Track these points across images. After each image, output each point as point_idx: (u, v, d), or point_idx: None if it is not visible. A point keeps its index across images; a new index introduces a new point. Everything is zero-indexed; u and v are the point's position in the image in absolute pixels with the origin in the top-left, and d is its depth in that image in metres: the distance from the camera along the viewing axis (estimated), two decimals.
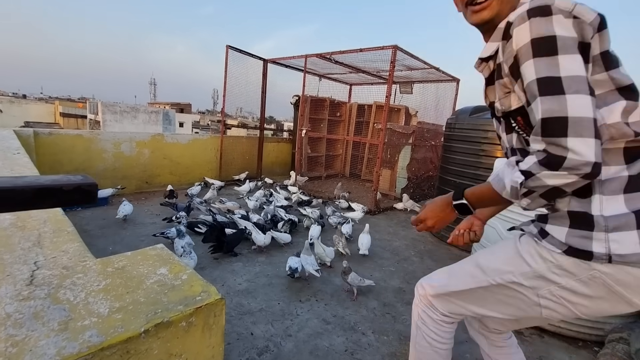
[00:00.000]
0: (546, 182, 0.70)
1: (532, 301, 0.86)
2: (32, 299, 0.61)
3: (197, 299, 0.64)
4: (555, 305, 0.83)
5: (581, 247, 0.75)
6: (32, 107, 27.90)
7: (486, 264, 0.95)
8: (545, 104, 0.68)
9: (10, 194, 0.36)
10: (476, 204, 0.89)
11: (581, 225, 0.76)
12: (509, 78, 0.78)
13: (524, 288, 0.86)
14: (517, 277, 0.86)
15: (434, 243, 3.39)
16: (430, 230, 1.00)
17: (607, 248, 0.73)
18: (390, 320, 1.97)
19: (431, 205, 0.98)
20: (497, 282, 0.90)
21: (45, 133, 3.64)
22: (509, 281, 0.88)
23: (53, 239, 0.89)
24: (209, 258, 2.56)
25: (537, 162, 0.70)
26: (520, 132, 0.83)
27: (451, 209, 0.93)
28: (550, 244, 0.80)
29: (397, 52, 3.92)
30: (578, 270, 0.77)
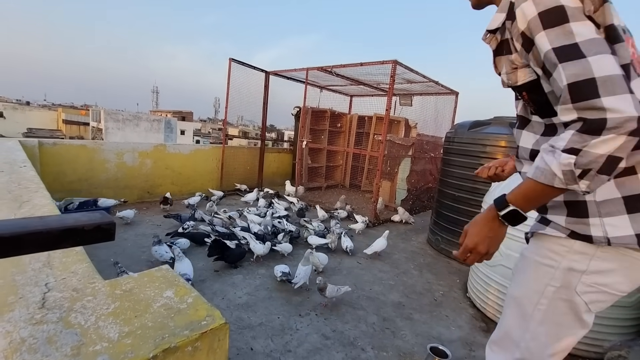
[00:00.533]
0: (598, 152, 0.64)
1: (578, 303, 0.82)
2: (45, 323, 0.64)
3: (202, 324, 0.67)
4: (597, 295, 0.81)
5: (581, 232, 0.78)
6: (35, 113, 28.14)
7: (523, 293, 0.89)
8: (569, 69, 0.66)
9: (38, 237, 0.39)
10: (526, 206, 0.79)
11: (577, 213, 0.79)
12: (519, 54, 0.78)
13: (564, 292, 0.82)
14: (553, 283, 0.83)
15: (433, 256, 3.40)
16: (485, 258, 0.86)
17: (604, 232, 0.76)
18: (390, 336, 1.97)
19: (474, 228, 0.86)
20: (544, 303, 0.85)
21: (49, 143, 3.69)
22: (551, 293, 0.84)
23: (62, 259, 0.92)
24: (210, 270, 2.58)
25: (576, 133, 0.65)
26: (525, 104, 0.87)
27: (499, 223, 0.82)
28: (554, 229, 0.82)
29: (397, 67, 4.00)
30: (590, 249, 0.77)
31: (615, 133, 0.63)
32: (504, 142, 2.92)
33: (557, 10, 0.68)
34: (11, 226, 0.38)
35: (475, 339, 2.03)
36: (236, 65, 5.17)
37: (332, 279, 2.63)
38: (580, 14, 0.68)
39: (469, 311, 2.35)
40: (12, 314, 0.66)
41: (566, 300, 0.83)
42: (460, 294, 2.60)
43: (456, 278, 2.88)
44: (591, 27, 0.67)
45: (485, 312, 2.29)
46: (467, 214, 3.11)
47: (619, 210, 0.75)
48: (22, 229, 0.38)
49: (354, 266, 2.94)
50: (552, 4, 0.68)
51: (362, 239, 3.68)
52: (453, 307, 2.39)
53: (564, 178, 0.69)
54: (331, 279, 2.63)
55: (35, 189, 1.62)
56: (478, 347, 1.95)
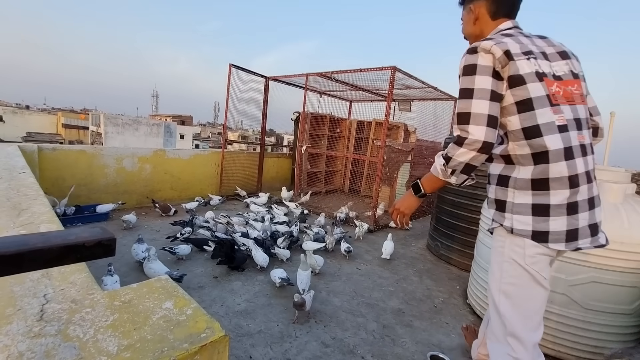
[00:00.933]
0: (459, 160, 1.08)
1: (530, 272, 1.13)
2: (43, 336, 0.63)
3: (202, 337, 0.67)
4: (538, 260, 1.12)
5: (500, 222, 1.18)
6: (34, 117, 28.15)
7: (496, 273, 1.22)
8: (460, 104, 1.11)
9: (39, 254, 0.39)
10: (428, 187, 1.25)
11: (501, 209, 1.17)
12: None
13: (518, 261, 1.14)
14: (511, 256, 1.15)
15: (432, 262, 3.40)
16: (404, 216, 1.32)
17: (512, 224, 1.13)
18: (390, 344, 1.96)
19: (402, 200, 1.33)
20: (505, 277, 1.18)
21: (49, 149, 3.69)
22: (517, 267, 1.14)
23: (61, 269, 0.91)
24: (209, 277, 2.56)
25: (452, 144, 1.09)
26: None
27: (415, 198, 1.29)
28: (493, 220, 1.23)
29: (396, 73, 4.02)
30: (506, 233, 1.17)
31: (468, 149, 1.06)
32: None
33: (472, 66, 1.10)
34: (12, 243, 0.38)
35: None
36: (236, 71, 5.19)
37: (331, 285, 2.62)
38: (487, 70, 1.07)
39: (469, 318, 2.35)
40: (10, 326, 0.66)
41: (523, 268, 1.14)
42: (460, 301, 2.59)
43: (456, 284, 2.88)
44: (489, 81, 1.07)
45: None
46: (467, 219, 3.11)
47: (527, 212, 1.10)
48: (23, 247, 0.38)
49: (353, 272, 2.93)
50: (471, 62, 1.10)
51: (362, 245, 3.67)
52: (453, 314, 2.38)
53: (442, 173, 1.16)
54: (330, 285, 2.62)
55: (34, 196, 1.61)
56: None
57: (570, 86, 1.11)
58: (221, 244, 2.76)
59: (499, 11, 1.23)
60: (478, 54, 1.09)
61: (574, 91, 1.12)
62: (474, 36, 1.31)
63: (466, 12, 1.31)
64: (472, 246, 2.69)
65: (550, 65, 1.12)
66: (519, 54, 1.08)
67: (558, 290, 1.88)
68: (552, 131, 1.05)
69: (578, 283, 1.82)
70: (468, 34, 1.33)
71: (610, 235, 1.74)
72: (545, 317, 1.92)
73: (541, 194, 1.07)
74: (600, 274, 1.78)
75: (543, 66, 1.10)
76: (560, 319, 1.88)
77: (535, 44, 1.15)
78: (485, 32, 1.26)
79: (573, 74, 1.15)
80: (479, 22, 1.27)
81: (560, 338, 1.90)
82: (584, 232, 1.09)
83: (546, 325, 1.93)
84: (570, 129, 1.06)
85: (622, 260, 1.75)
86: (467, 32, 1.33)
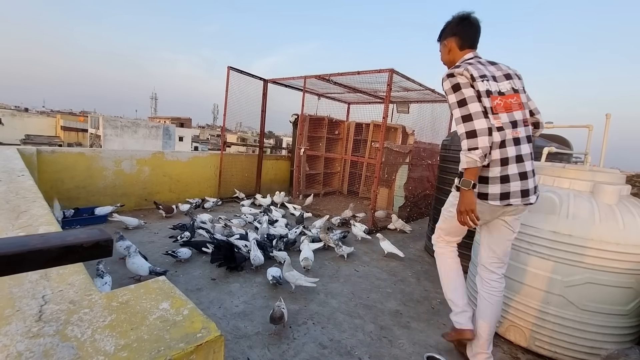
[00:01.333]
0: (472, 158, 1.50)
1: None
2: (42, 336, 0.64)
3: (198, 336, 0.68)
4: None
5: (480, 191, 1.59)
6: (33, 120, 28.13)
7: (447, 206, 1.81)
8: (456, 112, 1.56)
9: (39, 254, 0.40)
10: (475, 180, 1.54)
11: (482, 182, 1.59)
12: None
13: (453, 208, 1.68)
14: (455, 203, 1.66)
15: (430, 263, 3.40)
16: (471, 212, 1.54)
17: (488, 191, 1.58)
18: (387, 345, 1.97)
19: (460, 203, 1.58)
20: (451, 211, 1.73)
21: (47, 151, 3.69)
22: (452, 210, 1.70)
23: (59, 271, 0.92)
24: (207, 279, 2.57)
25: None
26: None
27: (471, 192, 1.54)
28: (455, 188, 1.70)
29: (394, 75, 4.05)
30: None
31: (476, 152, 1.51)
32: None
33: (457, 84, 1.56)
34: (12, 244, 0.39)
35: None
36: (234, 73, 5.21)
37: (329, 287, 2.63)
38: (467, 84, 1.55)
39: None
40: (9, 327, 0.67)
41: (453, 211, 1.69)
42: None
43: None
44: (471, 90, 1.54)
45: None
46: None
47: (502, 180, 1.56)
48: (23, 247, 0.39)
49: (351, 274, 2.94)
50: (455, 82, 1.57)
51: (360, 246, 3.68)
52: None
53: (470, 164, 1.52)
54: (328, 287, 2.63)
55: (33, 198, 1.62)
56: None
57: (510, 99, 1.59)
58: (219, 246, 2.78)
59: (464, 44, 1.74)
60: (456, 76, 1.58)
61: (513, 102, 1.59)
62: (449, 62, 1.80)
63: (442, 45, 1.81)
64: (469, 247, 2.70)
65: (497, 85, 1.59)
66: (478, 77, 1.55)
67: (554, 292, 1.89)
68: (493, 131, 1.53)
69: (574, 284, 1.84)
70: (445, 61, 1.83)
71: (606, 236, 1.76)
72: (542, 318, 1.94)
73: (484, 170, 1.58)
74: (595, 275, 1.80)
75: (492, 86, 1.57)
76: (556, 320, 1.90)
77: (488, 69, 1.62)
78: (456, 60, 1.74)
79: (514, 89, 1.61)
80: (451, 52, 1.77)
81: (557, 339, 1.91)
82: (515, 194, 1.57)
83: (543, 327, 1.94)
84: (506, 128, 1.55)
85: (618, 261, 1.77)
86: (444, 60, 1.83)
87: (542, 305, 1.94)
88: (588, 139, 2.83)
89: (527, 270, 1.98)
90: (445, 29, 1.80)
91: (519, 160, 1.58)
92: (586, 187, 1.98)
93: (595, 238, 1.78)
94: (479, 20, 1.75)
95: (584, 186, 1.98)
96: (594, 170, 2.09)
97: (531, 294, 1.97)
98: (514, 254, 2.05)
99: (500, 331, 2.14)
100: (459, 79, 1.57)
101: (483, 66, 1.62)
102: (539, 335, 1.97)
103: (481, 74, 1.57)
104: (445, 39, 1.79)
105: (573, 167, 2.23)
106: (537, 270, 1.94)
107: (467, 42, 1.74)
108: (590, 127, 2.82)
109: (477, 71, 1.57)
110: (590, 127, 2.82)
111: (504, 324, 2.11)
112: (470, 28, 1.75)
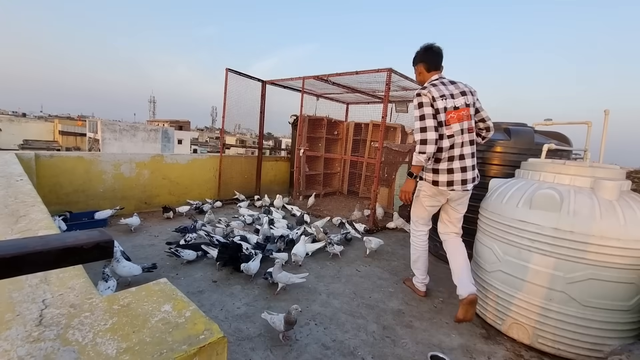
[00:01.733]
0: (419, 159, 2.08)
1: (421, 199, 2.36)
2: (43, 341, 0.64)
3: (200, 338, 0.67)
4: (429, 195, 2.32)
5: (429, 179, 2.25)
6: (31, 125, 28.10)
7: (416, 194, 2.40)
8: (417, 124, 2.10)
9: (39, 257, 0.39)
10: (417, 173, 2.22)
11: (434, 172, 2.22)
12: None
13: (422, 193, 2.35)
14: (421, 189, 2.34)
15: (432, 262, 3.39)
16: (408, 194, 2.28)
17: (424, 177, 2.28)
18: (390, 345, 1.96)
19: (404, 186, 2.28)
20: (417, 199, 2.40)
21: (46, 156, 3.68)
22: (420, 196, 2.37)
23: (59, 275, 0.91)
24: (208, 281, 2.56)
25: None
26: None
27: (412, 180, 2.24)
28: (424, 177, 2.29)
29: (392, 75, 4.05)
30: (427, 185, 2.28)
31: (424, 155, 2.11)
32: (499, 147, 2.95)
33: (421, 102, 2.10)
34: (12, 247, 0.38)
35: (476, 345, 2.03)
36: (233, 75, 5.21)
37: (331, 287, 2.62)
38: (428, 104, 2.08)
39: None
40: (9, 332, 0.66)
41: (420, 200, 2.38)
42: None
43: (455, 284, 2.87)
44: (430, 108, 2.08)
45: (484, 318, 2.28)
46: (466, 219, 3.11)
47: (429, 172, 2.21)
48: (23, 249, 0.39)
49: (353, 274, 2.93)
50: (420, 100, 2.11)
51: (361, 246, 3.67)
52: (453, 314, 2.37)
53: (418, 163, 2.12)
54: (330, 287, 2.62)
55: (32, 203, 1.61)
56: (479, 354, 1.94)
57: (463, 112, 2.12)
58: (227, 246, 2.79)
59: (430, 68, 2.26)
60: (422, 96, 2.11)
61: (464, 114, 2.13)
62: (420, 82, 2.34)
63: (415, 69, 2.36)
64: (470, 246, 2.69)
65: (454, 101, 2.12)
66: (438, 97, 2.09)
67: (557, 288, 1.88)
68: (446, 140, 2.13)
69: (576, 280, 1.83)
70: (418, 81, 2.39)
71: (607, 232, 1.76)
72: (544, 315, 1.93)
73: (436, 164, 2.20)
74: (598, 271, 1.79)
75: (449, 103, 2.11)
76: (559, 316, 1.89)
77: (448, 88, 2.14)
78: (425, 80, 2.28)
79: (466, 104, 2.14)
80: (421, 74, 2.31)
81: (560, 336, 1.91)
82: (457, 183, 2.18)
83: (545, 324, 1.94)
84: (456, 135, 2.13)
85: (619, 257, 1.76)
86: (417, 80, 2.40)
87: (544, 302, 1.93)
88: (587, 136, 2.83)
89: (529, 267, 1.98)
90: (415, 57, 2.31)
91: (461, 158, 2.16)
92: (587, 183, 1.97)
93: (596, 234, 1.78)
94: (441, 47, 2.25)
95: (585, 182, 1.98)
96: (594, 167, 2.08)
97: (533, 291, 1.97)
98: (516, 251, 2.04)
99: (503, 329, 2.13)
100: (423, 98, 2.09)
101: (444, 86, 2.13)
102: (541, 332, 1.96)
103: (441, 94, 2.09)
104: (416, 65, 2.33)
105: (573, 163, 2.23)
106: (539, 267, 1.94)
107: (432, 65, 2.25)
108: (589, 123, 2.82)
109: (438, 92, 2.09)
110: (589, 123, 2.82)
111: (507, 321, 2.10)
112: (433, 55, 2.24)
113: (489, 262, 2.24)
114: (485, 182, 2.73)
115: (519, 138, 2.90)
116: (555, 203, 1.91)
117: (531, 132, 2.95)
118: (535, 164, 2.32)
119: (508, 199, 2.15)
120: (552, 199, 1.92)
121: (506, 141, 2.94)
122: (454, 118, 2.10)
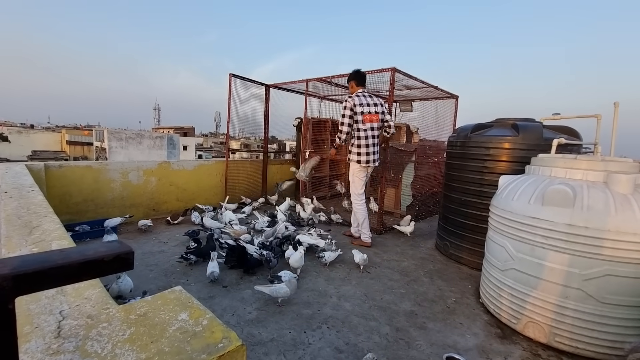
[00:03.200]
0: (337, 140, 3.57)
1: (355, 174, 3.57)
2: (62, 353, 0.64)
3: (219, 347, 0.66)
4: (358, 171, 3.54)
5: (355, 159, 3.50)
6: (39, 136, 28.57)
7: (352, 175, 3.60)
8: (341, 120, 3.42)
9: (60, 271, 0.39)
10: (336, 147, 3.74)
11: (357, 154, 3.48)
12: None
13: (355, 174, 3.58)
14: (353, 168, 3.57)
15: (442, 262, 3.36)
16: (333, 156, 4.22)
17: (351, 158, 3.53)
18: (404, 347, 1.94)
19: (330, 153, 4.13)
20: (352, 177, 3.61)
21: (55, 166, 3.73)
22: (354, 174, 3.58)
23: (75, 285, 0.91)
24: (219, 286, 2.56)
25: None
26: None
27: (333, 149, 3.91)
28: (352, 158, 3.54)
29: (396, 74, 4.03)
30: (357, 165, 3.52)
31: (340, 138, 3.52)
32: (507, 144, 2.92)
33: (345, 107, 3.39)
34: (33, 262, 0.38)
35: (492, 346, 1.99)
36: (236, 80, 5.23)
37: (341, 290, 2.61)
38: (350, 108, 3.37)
39: (483, 317, 2.31)
40: (29, 344, 0.66)
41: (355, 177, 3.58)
42: (473, 300, 2.56)
43: (468, 284, 2.85)
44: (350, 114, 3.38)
45: (499, 318, 2.25)
46: (475, 217, 3.09)
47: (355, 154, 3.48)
48: (44, 264, 0.38)
49: (363, 276, 2.91)
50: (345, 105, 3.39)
51: (371, 247, 3.64)
52: (467, 314, 2.35)
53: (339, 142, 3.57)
54: (341, 290, 2.60)
55: (44, 213, 1.63)
56: (495, 355, 1.91)
57: (374, 116, 3.40)
58: (233, 249, 2.80)
59: (358, 84, 3.49)
60: (348, 101, 3.35)
61: (374, 118, 3.39)
62: (352, 92, 3.49)
63: (349, 84, 3.57)
64: (481, 244, 2.66)
65: (369, 108, 3.37)
66: (358, 104, 3.34)
67: (573, 285, 1.85)
68: (362, 132, 3.39)
69: (593, 277, 1.80)
70: (350, 92, 3.51)
71: (623, 226, 1.72)
72: (561, 313, 1.90)
73: (358, 149, 3.43)
74: (614, 267, 1.75)
75: (365, 109, 3.36)
76: (576, 314, 1.85)
77: (366, 100, 3.39)
78: (354, 91, 3.47)
79: (376, 112, 3.40)
80: (352, 88, 3.51)
81: (577, 334, 1.87)
82: (370, 161, 3.45)
83: (562, 322, 1.90)
84: (368, 131, 3.39)
85: (636, 252, 1.72)
86: (350, 91, 3.54)
87: (560, 300, 1.90)
88: (597, 129, 2.78)
89: (544, 264, 1.94)
90: (350, 76, 3.53)
91: (373, 146, 3.44)
92: (600, 177, 1.94)
93: (612, 229, 1.74)
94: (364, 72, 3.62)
95: (598, 177, 1.94)
96: (606, 160, 2.05)
97: (549, 288, 1.93)
98: (529, 248, 2.01)
99: (519, 328, 2.10)
100: (349, 103, 3.34)
101: (365, 98, 3.38)
102: (558, 330, 1.92)
103: (360, 102, 3.34)
104: (349, 82, 3.55)
105: (585, 157, 2.19)
106: (554, 265, 1.90)
107: (359, 83, 3.50)
108: (598, 116, 2.77)
109: (359, 101, 3.35)
110: (598, 116, 2.77)
111: (522, 320, 2.07)
112: (360, 77, 3.51)
113: (502, 261, 2.20)
114: (494, 179, 2.70)
115: (528, 133, 2.86)
116: (568, 198, 1.87)
117: (540, 127, 2.91)
118: (545, 159, 2.28)
119: (519, 195, 2.12)
120: (565, 194, 1.89)
121: (514, 137, 2.90)
122: (367, 119, 3.35)
